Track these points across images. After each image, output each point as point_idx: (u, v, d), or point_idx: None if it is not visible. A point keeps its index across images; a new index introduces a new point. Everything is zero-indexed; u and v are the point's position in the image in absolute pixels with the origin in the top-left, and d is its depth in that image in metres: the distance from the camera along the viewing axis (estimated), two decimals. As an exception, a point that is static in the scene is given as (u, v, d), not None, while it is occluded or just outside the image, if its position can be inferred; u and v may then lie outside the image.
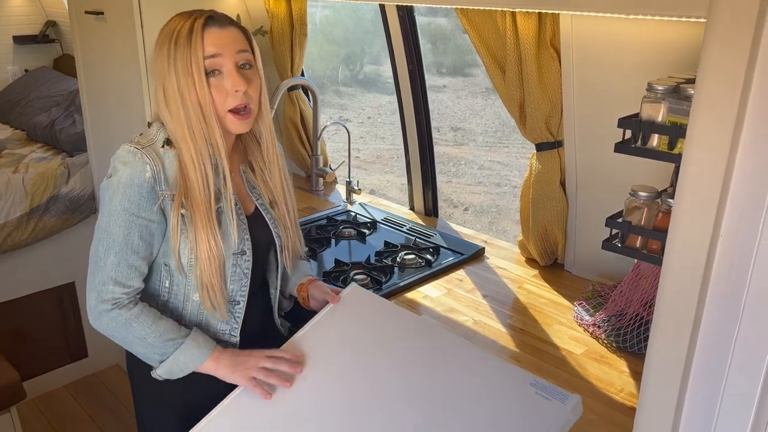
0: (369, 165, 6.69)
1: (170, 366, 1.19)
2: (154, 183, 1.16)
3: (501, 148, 7.26)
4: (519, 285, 1.73)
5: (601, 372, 1.34)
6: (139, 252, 1.19)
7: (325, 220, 2.15)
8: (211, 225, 1.18)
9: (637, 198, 1.11)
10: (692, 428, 0.98)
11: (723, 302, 0.93)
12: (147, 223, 1.18)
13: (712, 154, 0.90)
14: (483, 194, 6.15)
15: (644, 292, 1.39)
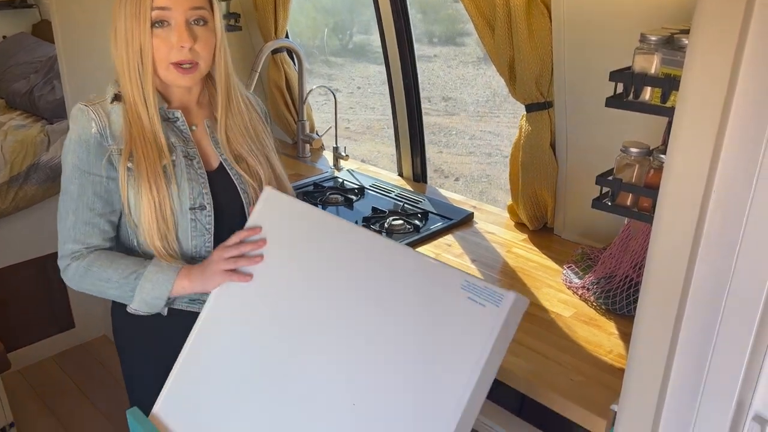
0: (359, 135, 6.62)
1: (141, 296, 1.18)
2: (100, 138, 1.16)
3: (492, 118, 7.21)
4: (508, 249, 1.71)
5: (590, 334, 1.32)
6: (96, 209, 1.18)
7: (311, 187, 2.12)
8: (156, 178, 1.16)
9: (628, 154, 1.08)
10: (682, 388, 0.96)
11: (715, 260, 0.91)
12: (99, 179, 1.17)
13: (706, 106, 0.87)
14: (474, 164, 6.12)
15: (634, 253, 1.37)
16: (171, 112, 1.23)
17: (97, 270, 1.19)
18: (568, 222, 1.73)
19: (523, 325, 1.35)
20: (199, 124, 1.27)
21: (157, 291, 1.18)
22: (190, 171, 1.22)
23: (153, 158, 1.17)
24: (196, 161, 1.23)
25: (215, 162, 1.28)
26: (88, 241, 1.20)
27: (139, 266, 1.19)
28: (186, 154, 1.22)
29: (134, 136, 1.17)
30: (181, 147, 1.22)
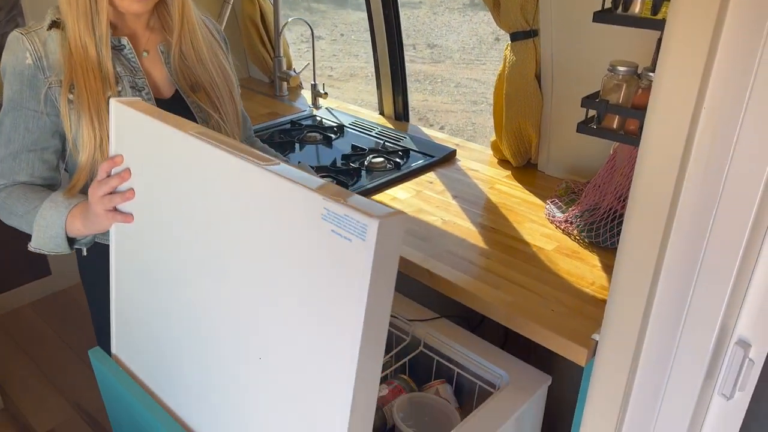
0: (342, 83, 6.48)
1: (37, 233, 1.09)
2: (35, 70, 1.06)
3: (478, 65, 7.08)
4: (491, 186, 1.67)
5: (573, 267, 1.30)
6: (26, 144, 1.10)
7: (288, 125, 2.05)
8: (96, 112, 1.07)
9: (615, 74, 1.03)
10: (664, 315, 0.94)
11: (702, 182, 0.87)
12: (33, 114, 1.09)
13: (699, 16, 0.81)
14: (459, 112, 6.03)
15: (618, 185, 1.33)
16: (116, 39, 1.12)
17: (10, 203, 1.11)
18: (553, 157, 1.69)
19: (503, 258, 1.33)
20: (151, 49, 1.18)
21: (51, 229, 1.09)
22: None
23: (96, 89, 1.08)
24: (145, 92, 1.15)
25: (169, 91, 1.19)
26: (14, 177, 1.12)
27: (42, 201, 1.09)
28: (133, 85, 1.14)
29: (75, 65, 1.07)
30: (128, 77, 1.13)
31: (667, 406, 0.97)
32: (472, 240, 1.40)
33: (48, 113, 1.09)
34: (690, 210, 0.89)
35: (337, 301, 0.76)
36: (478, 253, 1.35)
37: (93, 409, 2.14)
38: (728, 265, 0.88)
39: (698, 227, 0.89)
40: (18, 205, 1.10)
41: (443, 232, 1.43)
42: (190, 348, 0.99)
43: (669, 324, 0.94)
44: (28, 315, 2.61)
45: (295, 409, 0.85)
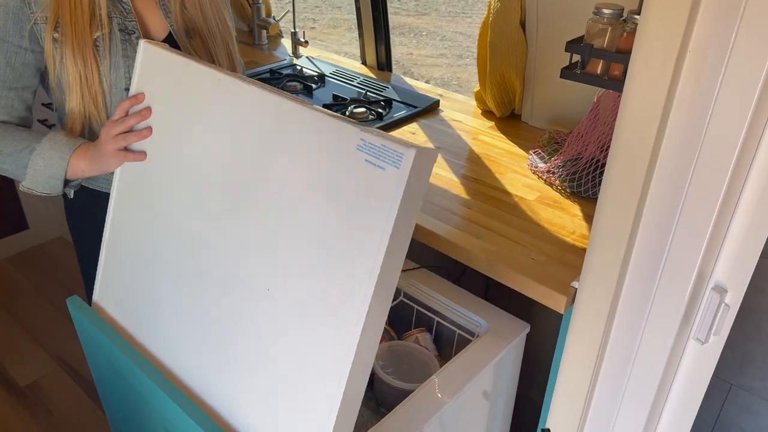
0: (325, 36, 6.34)
1: (33, 174, 1.06)
2: (21, 3, 1.02)
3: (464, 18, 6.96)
4: (474, 137, 1.65)
5: (554, 216, 1.29)
6: (7, 81, 1.05)
7: (268, 74, 1.99)
8: (81, 54, 1.03)
9: (600, 17, 1.00)
10: (643, 261, 0.94)
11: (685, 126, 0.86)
12: (16, 49, 1.04)
13: (687, -45, 0.79)
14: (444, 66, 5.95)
15: (602, 134, 1.32)
16: None
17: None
18: (537, 108, 1.67)
19: (484, 208, 1.32)
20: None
21: (50, 170, 1.06)
22: (126, 46, 1.09)
23: (82, 26, 1.04)
24: (135, 36, 1.10)
25: (161, 33, 1.15)
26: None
27: (35, 140, 1.06)
28: (123, 27, 1.09)
29: (62, 2, 1.03)
30: (117, 19, 1.08)
31: (644, 351, 0.99)
32: (455, 191, 1.39)
33: (32, 50, 1.05)
34: (671, 157, 0.88)
35: (364, 227, 0.78)
36: (460, 204, 1.34)
37: (74, 361, 2.14)
38: (707, 212, 0.88)
39: (678, 175, 0.88)
40: (3, 144, 1.05)
41: (425, 182, 1.42)
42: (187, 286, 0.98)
43: (647, 271, 0.94)
44: (6, 269, 2.58)
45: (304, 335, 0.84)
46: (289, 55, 2.15)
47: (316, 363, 0.82)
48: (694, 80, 0.84)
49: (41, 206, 2.66)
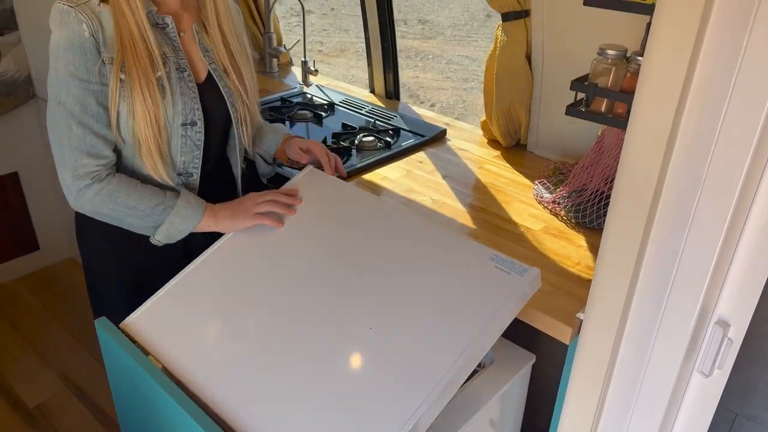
0: (332, 58, 6.42)
1: (168, 230, 1.17)
2: (95, 43, 1.06)
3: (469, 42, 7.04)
4: (480, 166, 1.68)
5: (559, 246, 1.32)
6: (102, 119, 1.10)
7: (279, 102, 2.04)
8: (149, 91, 1.09)
9: (605, 57, 1.04)
10: (647, 294, 0.96)
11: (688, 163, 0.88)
12: (99, 87, 1.08)
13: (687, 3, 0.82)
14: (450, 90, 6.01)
15: (606, 166, 1.35)
16: (161, 17, 1.13)
17: (123, 197, 1.13)
18: (542, 138, 1.70)
19: (491, 238, 1.35)
20: (187, 30, 1.18)
21: (185, 226, 1.17)
22: (182, 84, 1.15)
23: (146, 69, 1.09)
24: (187, 73, 1.16)
25: (203, 73, 1.20)
26: (102, 153, 1.12)
27: (164, 197, 1.16)
28: (177, 66, 1.15)
29: (125, 44, 1.08)
30: (173, 58, 1.14)
31: (648, 384, 1.00)
32: (461, 220, 1.42)
33: (104, 83, 1.09)
34: (674, 193, 0.91)
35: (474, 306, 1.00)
36: (467, 233, 1.36)
37: (82, 383, 2.15)
38: (710, 248, 0.90)
39: (682, 210, 0.91)
40: (136, 201, 1.14)
41: (432, 212, 1.45)
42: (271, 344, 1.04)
43: (652, 304, 0.96)
44: (16, 290, 2.61)
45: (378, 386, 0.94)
46: (300, 83, 2.20)
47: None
48: (695, 121, 0.87)
49: (52, 227, 2.69)
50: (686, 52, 0.84)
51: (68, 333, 2.38)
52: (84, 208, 1.15)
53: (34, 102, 2.48)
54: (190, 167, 1.22)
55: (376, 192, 1.52)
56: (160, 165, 1.16)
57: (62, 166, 1.11)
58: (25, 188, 2.58)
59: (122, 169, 1.20)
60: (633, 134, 0.93)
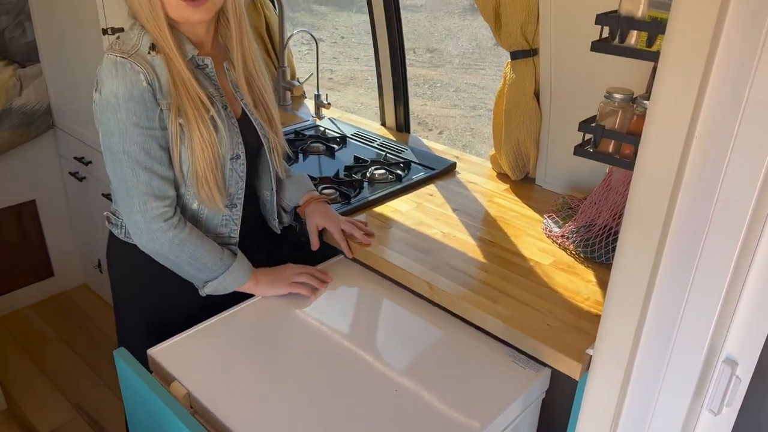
0: (342, 86, 6.51)
1: (217, 286, 1.25)
2: (153, 91, 1.12)
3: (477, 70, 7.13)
4: (489, 199, 1.71)
5: (568, 281, 1.34)
6: (164, 162, 1.17)
7: (292, 135, 2.08)
8: (207, 131, 1.15)
9: (611, 100, 1.07)
10: (656, 332, 0.98)
11: (693, 206, 0.91)
12: (159, 132, 1.14)
13: (692, 51, 0.85)
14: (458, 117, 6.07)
15: (614, 203, 1.37)
16: (201, 59, 1.19)
17: (191, 247, 1.20)
18: (550, 172, 1.73)
19: (502, 272, 1.37)
20: (219, 69, 1.24)
21: (231, 285, 1.27)
22: (227, 121, 1.21)
23: (200, 110, 1.15)
24: (228, 110, 1.22)
25: (238, 108, 1.26)
26: (168, 194, 1.18)
27: (221, 254, 1.24)
28: (222, 104, 1.21)
29: (179, 89, 1.14)
30: (217, 97, 1.20)
31: (658, 421, 1.01)
32: (471, 253, 1.44)
33: (163, 128, 1.15)
34: (681, 233, 0.93)
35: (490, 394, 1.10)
36: (476, 267, 1.39)
37: (94, 411, 2.17)
38: (717, 286, 0.92)
39: (689, 249, 0.93)
40: (201, 253, 1.23)
41: (443, 245, 1.47)
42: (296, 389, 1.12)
43: (660, 341, 0.98)
44: (30, 316, 2.64)
45: None
46: (312, 115, 2.25)
47: None
48: (701, 163, 0.89)
49: (67, 254, 2.73)
50: (690, 97, 0.87)
51: (81, 360, 2.40)
52: (153, 250, 1.21)
53: (52, 132, 2.54)
54: (235, 199, 1.29)
55: (387, 225, 1.56)
56: (217, 197, 1.22)
57: (132, 212, 1.17)
58: (41, 216, 2.63)
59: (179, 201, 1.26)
60: (640, 175, 0.95)
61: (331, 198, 1.66)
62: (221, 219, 1.29)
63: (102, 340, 2.50)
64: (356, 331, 1.27)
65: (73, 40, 2.19)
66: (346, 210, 1.60)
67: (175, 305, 1.33)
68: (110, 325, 2.57)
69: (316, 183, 1.74)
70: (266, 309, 1.31)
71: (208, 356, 1.18)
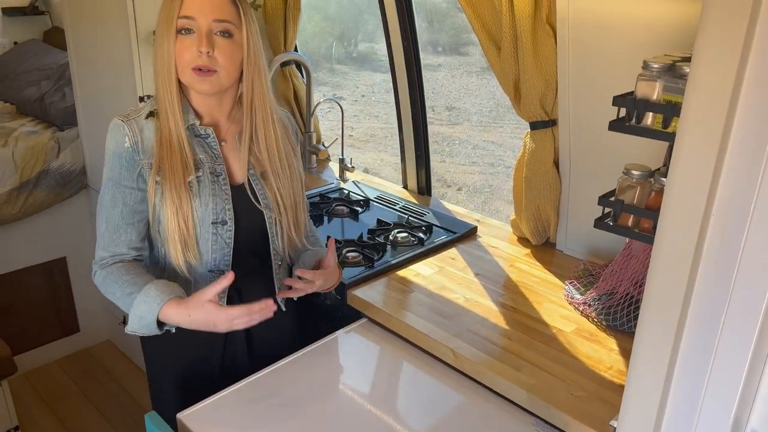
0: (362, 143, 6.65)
1: (131, 321, 1.22)
2: (132, 152, 1.22)
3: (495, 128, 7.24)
4: (511, 264, 1.74)
5: (591, 350, 1.35)
6: (125, 218, 1.25)
7: (318, 198, 2.15)
8: (177, 194, 1.21)
9: (630, 177, 1.11)
10: (680, 404, 0.99)
11: (713, 280, 0.93)
12: (131, 191, 1.24)
13: (707, 133, 0.90)
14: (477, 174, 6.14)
15: (635, 271, 1.40)
16: (203, 128, 1.27)
17: (109, 284, 1.26)
18: (571, 238, 1.76)
19: (523, 339, 1.38)
20: (230, 139, 1.30)
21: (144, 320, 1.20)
22: (215, 186, 1.26)
23: (179, 172, 1.21)
24: (222, 177, 1.27)
25: (241, 177, 1.31)
26: (114, 249, 1.26)
27: (136, 288, 1.21)
28: (213, 171, 1.26)
29: (163, 151, 1.22)
30: (209, 164, 1.26)
31: (684, 496, 1.00)
32: (494, 319, 1.46)
33: (140, 188, 1.24)
34: (702, 306, 0.95)
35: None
36: (499, 334, 1.41)
37: (116, 470, 2.17)
38: (741, 359, 0.93)
39: (711, 323, 0.94)
40: (116, 289, 1.24)
41: (466, 310, 1.50)
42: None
43: (684, 414, 0.98)
44: (54, 372, 2.68)
45: None
46: (337, 178, 2.32)
47: None
48: (719, 239, 0.92)
49: (94, 310, 2.79)
50: (707, 178, 0.91)
51: (104, 417, 2.42)
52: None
53: (86, 192, 2.64)
54: (221, 265, 1.30)
55: (410, 289, 1.59)
56: (182, 256, 1.25)
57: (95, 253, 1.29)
58: (71, 272, 2.71)
59: (154, 260, 1.32)
60: (660, 250, 0.98)
61: (354, 261, 1.70)
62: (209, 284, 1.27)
63: (123, 397, 2.52)
64: (379, 395, 1.29)
65: (111, 106, 2.30)
66: (369, 274, 1.64)
67: (206, 368, 1.36)
68: (132, 381, 2.59)
69: (340, 246, 1.79)
70: (290, 373, 1.33)
71: (236, 420, 1.20)
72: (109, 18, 2.13)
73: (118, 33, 2.11)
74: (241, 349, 1.40)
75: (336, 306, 1.61)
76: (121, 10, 2.06)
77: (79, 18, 2.33)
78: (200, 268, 1.29)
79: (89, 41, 2.32)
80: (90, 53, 2.34)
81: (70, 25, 2.40)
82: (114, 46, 2.16)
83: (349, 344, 1.47)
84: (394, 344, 1.45)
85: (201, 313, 1.17)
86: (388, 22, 2.10)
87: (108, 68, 2.25)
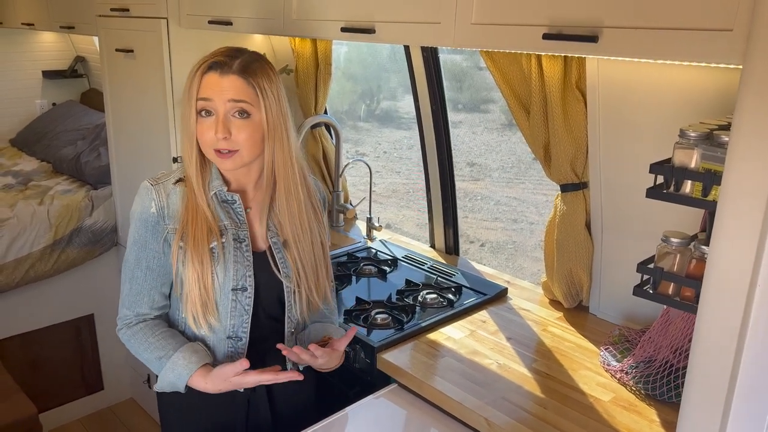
0: (385, 199, 6.70)
1: (160, 383, 1.28)
2: (158, 218, 1.25)
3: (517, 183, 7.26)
4: (543, 327, 1.70)
5: (631, 421, 1.30)
6: (148, 281, 1.28)
7: (345, 257, 2.15)
8: (200, 259, 1.23)
9: (669, 244, 1.10)
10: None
11: (761, 354, 0.90)
12: (154, 254, 1.27)
13: (750, 202, 0.89)
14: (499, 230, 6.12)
15: (673, 338, 1.36)
16: (230, 195, 1.29)
17: (135, 343, 1.29)
18: (604, 301, 1.73)
19: (560, 409, 1.34)
20: (255, 206, 1.32)
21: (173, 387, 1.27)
22: (237, 253, 1.27)
23: (202, 238, 1.23)
24: (245, 244, 1.28)
25: (264, 244, 1.32)
26: (137, 309, 1.29)
27: (164, 351, 1.26)
28: (236, 237, 1.27)
29: (189, 217, 1.24)
30: (232, 230, 1.27)
31: None
32: (528, 386, 1.43)
33: (165, 252, 1.27)
34: (750, 382, 0.92)
35: None
36: (534, 402, 1.37)
37: None
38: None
39: (759, 398, 0.91)
40: (142, 351, 1.28)
41: (499, 376, 1.46)
42: None
43: (736, 496, 0.94)
44: (77, 431, 2.65)
45: None
46: (364, 237, 2.33)
47: None
48: (766, 312, 0.90)
49: (119, 368, 2.78)
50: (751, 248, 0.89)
51: (124, 479, 2.38)
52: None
53: (116, 249, 2.67)
54: (239, 331, 1.29)
55: (441, 354, 1.56)
56: (202, 321, 1.26)
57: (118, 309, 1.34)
58: (98, 329, 2.72)
59: (174, 322, 1.33)
60: (704, 323, 0.96)
61: (384, 323, 1.68)
62: (226, 350, 1.30)
63: (146, 459, 2.48)
64: None
65: (145, 166, 2.36)
66: (398, 337, 1.62)
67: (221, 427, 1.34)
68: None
69: (368, 307, 1.77)
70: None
71: None
72: (147, 81, 2.21)
73: (155, 95, 2.19)
74: (264, 416, 1.37)
75: (365, 370, 1.59)
76: (158, 74, 2.14)
77: (117, 81, 2.43)
78: (218, 335, 1.29)
79: (126, 103, 2.40)
80: (126, 114, 2.42)
81: (109, 88, 2.49)
82: (150, 108, 2.24)
83: (379, 411, 1.44)
84: (425, 411, 1.42)
85: (225, 385, 1.24)
86: (417, 83, 2.14)
87: (143, 129, 2.32)
